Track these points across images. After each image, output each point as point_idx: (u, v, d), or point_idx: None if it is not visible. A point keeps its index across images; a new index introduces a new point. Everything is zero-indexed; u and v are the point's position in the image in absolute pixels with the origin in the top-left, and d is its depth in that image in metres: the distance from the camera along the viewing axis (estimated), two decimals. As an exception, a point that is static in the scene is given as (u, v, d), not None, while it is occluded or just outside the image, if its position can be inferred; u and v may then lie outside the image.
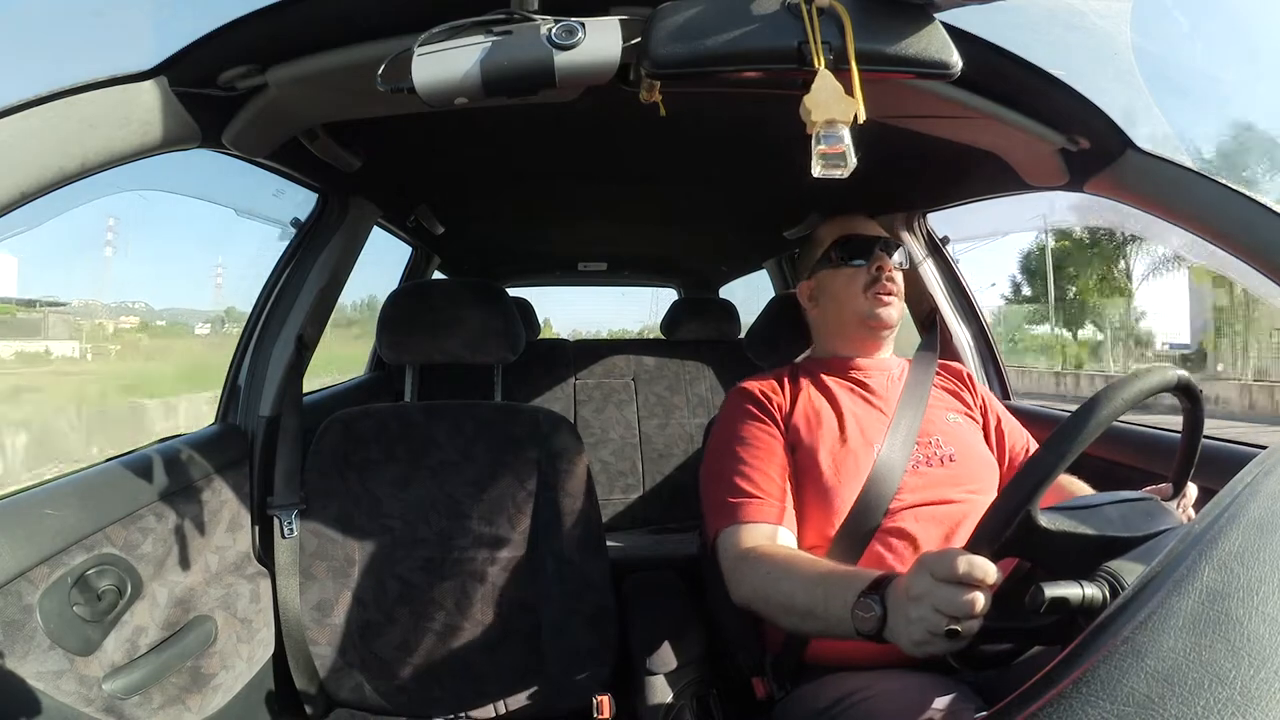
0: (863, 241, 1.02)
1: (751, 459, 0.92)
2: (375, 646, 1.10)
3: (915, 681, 0.79)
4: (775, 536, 0.87)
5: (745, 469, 0.91)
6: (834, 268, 1.02)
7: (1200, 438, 0.72)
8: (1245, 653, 0.29)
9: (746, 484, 0.90)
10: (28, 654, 0.75)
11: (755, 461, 0.91)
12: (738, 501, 0.89)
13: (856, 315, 1.00)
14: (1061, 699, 0.29)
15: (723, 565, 0.87)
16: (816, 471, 0.90)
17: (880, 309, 0.99)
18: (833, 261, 1.02)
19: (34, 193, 0.60)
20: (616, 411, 2.13)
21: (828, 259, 1.03)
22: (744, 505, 0.88)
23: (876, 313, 0.99)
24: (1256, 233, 0.79)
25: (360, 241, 1.39)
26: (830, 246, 1.03)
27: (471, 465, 1.14)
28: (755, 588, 0.80)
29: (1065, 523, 0.58)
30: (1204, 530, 0.36)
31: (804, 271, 1.10)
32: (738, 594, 0.84)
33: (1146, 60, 0.92)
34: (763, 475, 0.90)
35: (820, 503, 0.89)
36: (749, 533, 0.86)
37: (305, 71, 0.77)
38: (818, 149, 0.62)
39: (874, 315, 0.99)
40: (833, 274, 1.02)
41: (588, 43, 0.64)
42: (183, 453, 1.04)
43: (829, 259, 1.03)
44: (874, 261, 1.00)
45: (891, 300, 0.99)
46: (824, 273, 1.04)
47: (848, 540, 0.86)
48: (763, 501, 0.88)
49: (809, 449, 0.92)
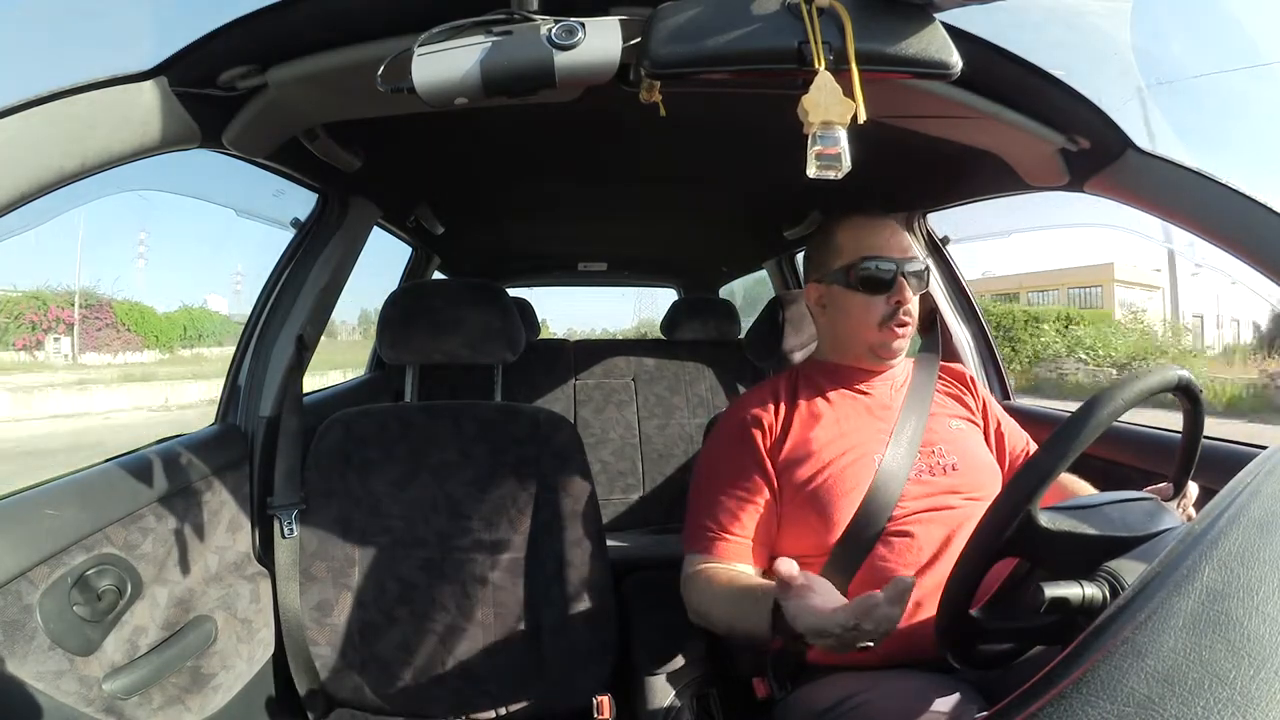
0: (884, 267, 0.93)
1: (727, 495, 0.93)
2: (375, 647, 1.10)
3: (915, 682, 0.78)
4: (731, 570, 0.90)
5: (721, 504, 0.93)
6: (850, 289, 0.95)
7: (1200, 438, 0.72)
8: (1245, 653, 0.29)
9: (714, 522, 0.93)
10: (28, 654, 0.75)
11: (729, 501, 0.93)
12: (709, 536, 0.92)
13: (866, 344, 0.96)
14: (1061, 699, 0.29)
15: (681, 574, 0.95)
16: (815, 486, 0.90)
17: (894, 342, 0.95)
18: (850, 284, 0.95)
19: (34, 193, 0.60)
20: (616, 412, 2.13)
21: (845, 277, 0.95)
22: (713, 541, 0.92)
23: (890, 345, 0.95)
24: (1256, 233, 0.79)
25: (360, 241, 1.39)
26: (851, 264, 0.95)
27: (471, 465, 1.14)
28: (694, 606, 0.92)
29: (1066, 522, 0.58)
30: (1204, 530, 0.36)
31: (815, 271, 1.02)
32: (690, 611, 0.93)
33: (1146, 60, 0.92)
34: (731, 516, 0.92)
35: (820, 514, 0.88)
36: (708, 563, 0.92)
37: (305, 72, 0.77)
38: (813, 149, 0.63)
39: (885, 347, 0.96)
40: (848, 294, 0.96)
41: (588, 43, 0.64)
42: (183, 453, 1.04)
43: (846, 278, 0.95)
44: (894, 294, 0.93)
45: (905, 332, 0.95)
46: (838, 288, 0.97)
47: (848, 549, 0.86)
48: (728, 543, 0.91)
49: (807, 465, 0.91)
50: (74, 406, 11.80)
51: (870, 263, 0.94)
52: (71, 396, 12.21)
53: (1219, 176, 0.82)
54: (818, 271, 1.01)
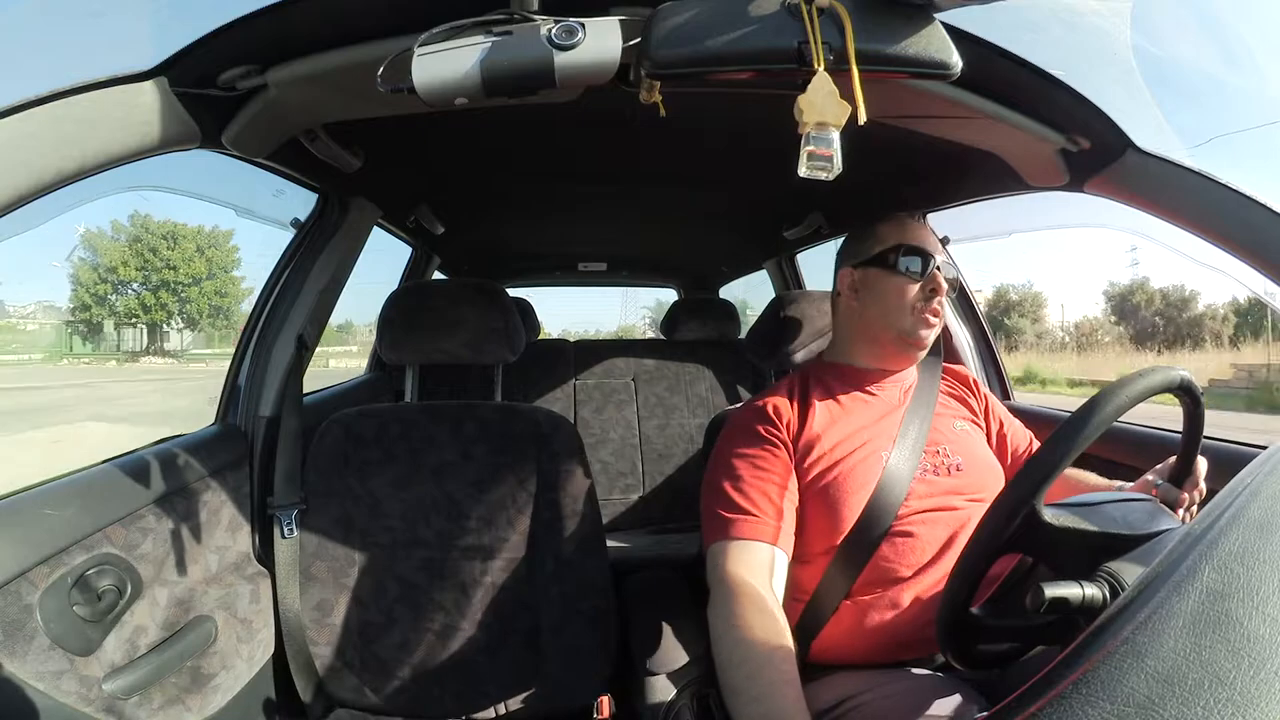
0: (924, 255, 0.96)
1: (751, 476, 0.90)
2: (375, 647, 1.10)
3: (916, 682, 0.79)
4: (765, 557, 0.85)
5: (743, 485, 0.89)
6: (890, 271, 0.96)
7: (1200, 437, 0.72)
8: (1245, 653, 0.29)
9: (742, 499, 0.88)
10: (28, 654, 0.75)
11: (754, 479, 0.90)
12: (731, 517, 0.87)
13: (898, 328, 0.96)
14: (1061, 699, 0.29)
15: (709, 579, 0.86)
16: (825, 484, 0.89)
17: (924, 330, 0.95)
18: (890, 265, 0.96)
19: (34, 193, 0.60)
20: (616, 412, 2.14)
21: (885, 260, 0.97)
22: (736, 521, 0.86)
23: (920, 333, 0.95)
24: (1256, 233, 0.79)
25: (360, 242, 1.39)
26: (892, 249, 0.96)
27: (471, 466, 1.14)
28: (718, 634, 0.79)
29: (1069, 519, 0.58)
30: (1204, 530, 0.36)
31: (851, 259, 1.02)
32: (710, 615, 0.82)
33: (1146, 60, 0.92)
34: (759, 493, 0.88)
35: (827, 513, 0.88)
36: (737, 550, 0.85)
37: (305, 72, 0.77)
38: (806, 149, 0.63)
39: (916, 335, 0.95)
40: (886, 276, 0.96)
41: (588, 43, 0.64)
42: (182, 453, 1.04)
43: (886, 260, 0.96)
44: (929, 282, 0.94)
45: (936, 323, 0.96)
46: (876, 271, 0.97)
47: (854, 548, 0.86)
48: (756, 520, 0.86)
49: (818, 462, 0.91)
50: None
51: (911, 248, 0.96)
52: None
53: (1219, 176, 0.82)
54: (855, 258, 1.01)
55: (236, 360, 1.26)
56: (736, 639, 0.76)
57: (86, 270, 29.10)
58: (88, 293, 29.19)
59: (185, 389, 16.82)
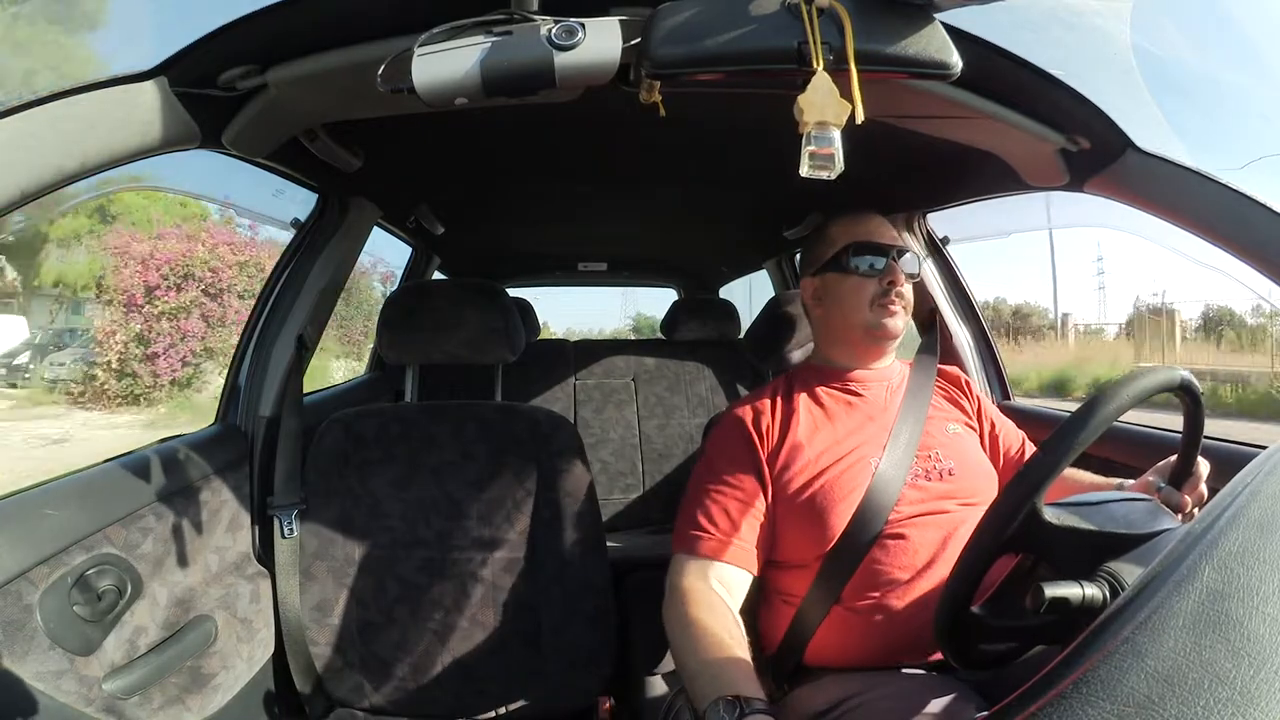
0: (876, 250, 0.98)
1: (715, 492, 0.91)
2: (375, 647, 1.10)
3: (915, 682, 0.78)
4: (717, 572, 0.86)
5: (706, 500, 0.91)
6: (845, 273, 0.98)
7: (1200, 437, 0.72)
8: (1245, 653, 0.29)
9: (703, 516, 0.90)
10: (28, 654, 0.75)
11: (718, 495, 0.91)
12: (691, 533, 0.89)
13: (862, 325, 0.97)
14: (1061, 699, 0.29)
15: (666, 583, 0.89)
16: (811, 493, 0.89)
17: (887, 319, 0.96)
18: (842, 267, 0.98)
19: (34, 193, 0.60)
20: (616, 412, 2.13)
21: (837, 263, 0.99)
22: (696, 538, 0.88)
23: (883, 323, 0.96)
24: (1256, 233, 0.79)
25: (360, 242, 1.39)
26: (842, 251, 0.98)
27: (471, 465, 1.14)
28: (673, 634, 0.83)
29: (1070, 518, 0.58)
30: (1204, 530, 0.36)
31: (809, 267, 1.05)
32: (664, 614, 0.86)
33: (1146, 60, 0.92)
34: (719, 511, 0.90)
35: (814, 521, 0.88)
36: (694, 565, 0.87)
37: (305, 72, 0.77)
38: (807, 149, 0.63)
39: (879, 326, 0.96)
40: (842, 278, 0.98)
41: (588, 43, 0.64)
42: (183, 453, 1.04)
43: (839, 263, 0.98)
44: (885, 275, 0.96)
45: (898, 311, 0.97)
46: (832, 275, 1.00)
47: (843, 554, 0.85)
48: (710, 538, 0.88)
49: (802, 471, 0.91)
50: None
51: (861, 246, 0.98)
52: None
53: (1219, 176, 0.82)
54: (811, 266, 1.04)
55: (237, 360, 1.26)
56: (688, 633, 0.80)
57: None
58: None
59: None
